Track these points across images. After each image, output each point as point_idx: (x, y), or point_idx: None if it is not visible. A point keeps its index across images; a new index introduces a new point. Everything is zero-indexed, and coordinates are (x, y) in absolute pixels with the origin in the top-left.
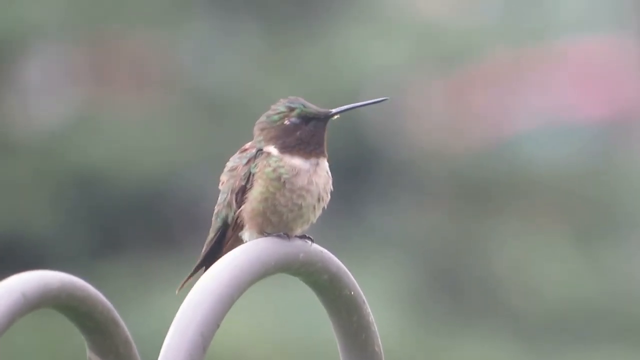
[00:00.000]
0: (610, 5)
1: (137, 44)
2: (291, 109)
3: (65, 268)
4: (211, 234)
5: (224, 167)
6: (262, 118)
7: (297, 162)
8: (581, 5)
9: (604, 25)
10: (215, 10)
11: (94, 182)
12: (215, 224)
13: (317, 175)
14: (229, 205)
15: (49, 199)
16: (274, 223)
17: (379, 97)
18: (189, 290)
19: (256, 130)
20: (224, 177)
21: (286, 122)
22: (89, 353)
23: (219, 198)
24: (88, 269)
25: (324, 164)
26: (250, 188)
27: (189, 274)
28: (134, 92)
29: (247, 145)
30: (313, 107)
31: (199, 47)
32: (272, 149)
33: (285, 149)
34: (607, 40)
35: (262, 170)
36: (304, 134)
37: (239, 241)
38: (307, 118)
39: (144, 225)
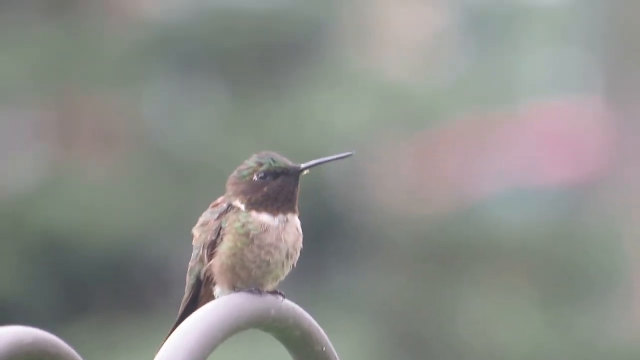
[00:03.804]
0: (576, 67)
1: (102, 105)
2: (260, 164)
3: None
4: (186, 293)
5: (193, 226)
6: (234, 173)
7: (265, 218)
8: (547, 67)
9: (569, 87)
10: (182, 70)
11: (62, 244)
12: (189, 281)
13: (286, 232)
14: (201, 260)
15: (16, 261)
16: (243, 278)
17: (345, 152)
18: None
19: (228, 185)
20: (196, 232)
21: (254, 177)
22: None
23: (192, 254)
24: (56, 331)
25: (295, 220)
26: (220, 242)
27: (167, 334)
28: (101, 153)
29: (219, 200)
30: (283, 162)
31: (165, 108)
32: (240, 204)
33: (253, 204)
34: (572, 102)
35: (232, 225)
36: (272, 190)
37: (212, 298)
38: (275, 173)
39: (111, 288)
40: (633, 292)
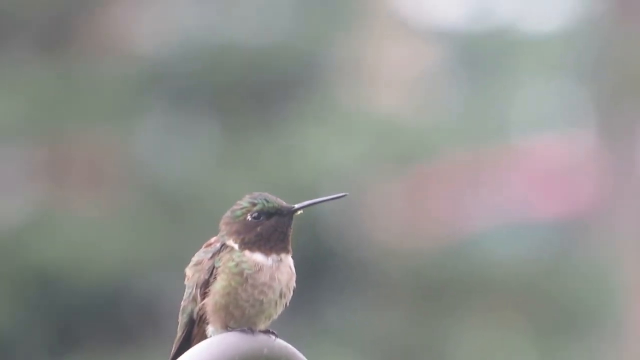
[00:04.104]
0: (568, 101)
1: (95, 142)
2: (254, 204)
3: None
4: (179, 332)
5: (184, 262)
6: (227, 213)
7: (258, 257)
8: (540, 104)
9: (562, 122)
10: (174, 106)
11: (53, 280)
12: (182, 320)
13: (280, 272)
14: (194, 299)
15: (6, 297)
16: (237, 317)
17: (339, 193)
18: None
19: (221, 225)
20: (189, 272)
21: (248, 217)
22: None
23: (185, 293)
24: None
25: (288, 260)
26: (213, 282)
27: None
28: (93, 190)
29: (212, 239)
30: (276, 203)
31: (156, 144)
32: (234, 244)
33: (246, 244)
34: (565, 138)
35: (225, 265)
36: (265, 230)
37: (205, 337)
38: (268, 213)
39: (102, 324)
40: (624, 328)
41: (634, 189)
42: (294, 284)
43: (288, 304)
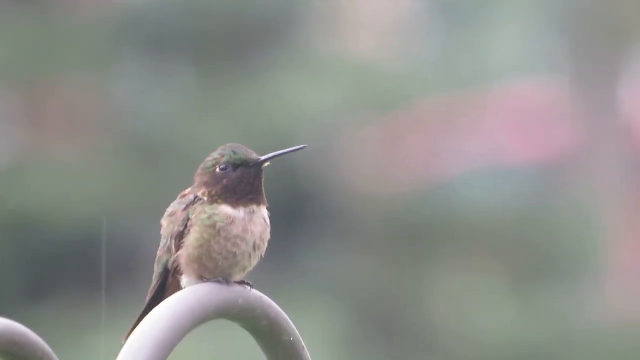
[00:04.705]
0: (545, 49)
1: (70, 88)
2: (222, 156)
3: (0, 311)
4: (154, 281)
5: (161, 210)
6: (202, 164)
7: (229, 210)
8: (516, 50)
9: (538, 69)
10: (150, 53)
11: (28, 226)
12: (157, 270)
13: (253, 224)
14: (169, 250)
15: None
16: (210, 269)
17: (300, 145)
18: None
19: (196, 176)
20: (164, 222)
21: (217, 169)
22: None
23: (160, 243)
24: (22, 312)
25: (261, 211)
26: (187, 234)
27: (134, 322)
28: (68, 136)
29: (187, 191)
30: (244, 154)
31: (133, 90)
32: (203, 197)
33: (213, 196)
34: (542, 84)
35: (198, 217)
36: (230, 182)
37: (180, 288)
38: (235, 165)
39: (78, 270)
40: (603, 272)
41: (611, 132)
42: (269, 236)
43: (263, 255)
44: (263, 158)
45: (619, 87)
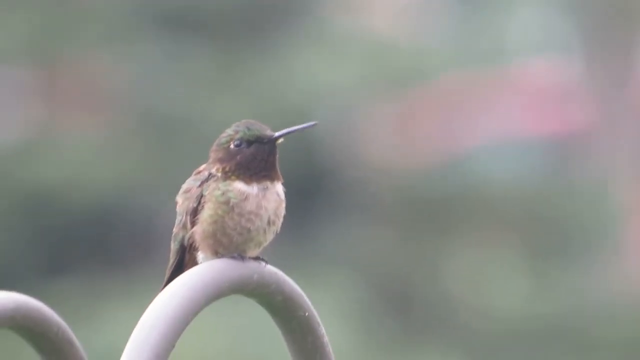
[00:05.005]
0: (558, 28)
1: (89, 66)
2: (236, 132)
3: (16, 286)
4: (171, 259)
5: (177, 186)
6: (216, 140)
7: (242, 186)
8: (532, 28)
9: (555, 46)
10: (167, 31)
11: (46, 202)
12: (174, 247)
13: (267, 200)
14: (185, 227)
15: (0, 218)
16: (225, 245)
17: (311, 122)
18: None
19: (210, 152)
20: (179, 199)
21: (231, 145)
22: None
23: (176, 220)
24: (39, 287)
25: (276, 187)
26: (201, 210)
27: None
28: (86, 113)
29: (201, 167)
30: (258, 130)
31: (151, 68)
32: (217, 173)
33: (227, 173)
34: (558, 61)
35: (212, 193)
36: (244, 158)
37: (196, 264)
38: (249, 142)
39: (95, 245)
40: (618, 247)
41: (625, 109)
42: (284, 211)
43: (279, 230)
44: (277, 134)
45: (632, 65)
